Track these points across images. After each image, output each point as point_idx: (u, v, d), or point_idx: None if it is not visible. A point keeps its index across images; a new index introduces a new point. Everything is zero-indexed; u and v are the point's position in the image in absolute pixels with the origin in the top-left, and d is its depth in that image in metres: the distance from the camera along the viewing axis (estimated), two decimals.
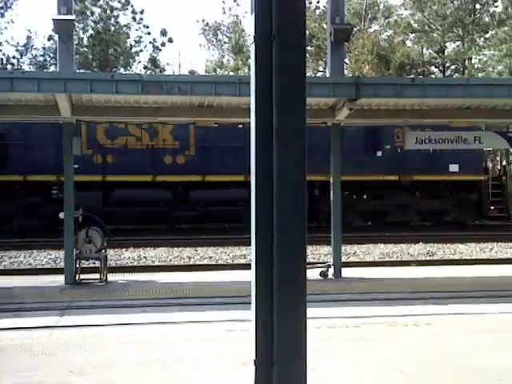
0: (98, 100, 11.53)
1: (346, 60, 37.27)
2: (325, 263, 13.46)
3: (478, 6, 42.39)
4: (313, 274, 12.39)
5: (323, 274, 12.75)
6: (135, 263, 16.02)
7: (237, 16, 44.82)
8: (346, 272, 12.95)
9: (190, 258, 16.88)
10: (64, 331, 8.05)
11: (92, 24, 40.47)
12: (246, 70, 36.26)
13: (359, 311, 9.14)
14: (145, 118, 12.79)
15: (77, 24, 36.05)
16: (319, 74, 40.61)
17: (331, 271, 12.81)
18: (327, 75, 13.33)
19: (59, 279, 12.16)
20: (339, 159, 13.23)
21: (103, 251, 12.43)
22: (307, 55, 41.54)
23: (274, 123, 2.66)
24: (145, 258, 16.80)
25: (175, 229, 22.64)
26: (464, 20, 41.40)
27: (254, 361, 2.88)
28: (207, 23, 45.98)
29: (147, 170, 21.52)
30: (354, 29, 36.70)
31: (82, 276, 12.23)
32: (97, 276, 12.27)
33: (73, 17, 12.43)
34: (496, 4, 42.01)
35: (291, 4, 2.54)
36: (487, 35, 41.95)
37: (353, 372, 6.09)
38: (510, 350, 6.85)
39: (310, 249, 17.41)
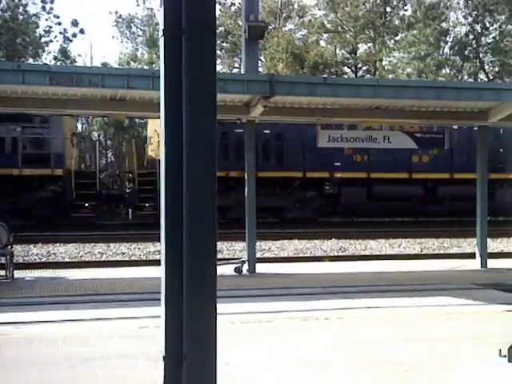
0: (3, 90, 11.09)
1: (261, 58, 37.56)
2: (239, 259, 13.54)
3: (388, 9, 43.72)
4: (227, 269, 12.44)
5: (238, 270, 12.81)
6: (44, 259, 15.56)
7: (151, 9, 44.26)
8: (261, 268, 13.06)
9: (102, 254, 16.54)
10: None
11: None
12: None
13: (273, 306, 9.24)
14: (53, 111, 12.41)
15: None
16: (235, 71, 40.69)
17: (245, 267, 12.88)
18: (242, 72, 13.40)
19: None
20: (253, 157, 13.31)
21: (9, 247, 11.98)
22: (223, 51, 41.60)
23: (183, 118, 2.63)
24: (54, 254, 16.33)
25: (92, 224, 22.20)
26: (375, 22, 42.59)
27: (163, 357, 2.86)
28: (120, 15, 45.15)
29: (399, 167, 24.00)
30: (269, 27, 37.00)
31: None
32: (2, 273, 11.81)
33: None
34: (406, 8, 43.49)
35: None
36: (397, 38, 43.35)
37: (265, 366, 6.15)
38: (415, 342, 7.11)
39: (224, 245, 17.46)
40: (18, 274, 12.11)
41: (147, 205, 23.30)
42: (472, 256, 14.41)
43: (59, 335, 7.35)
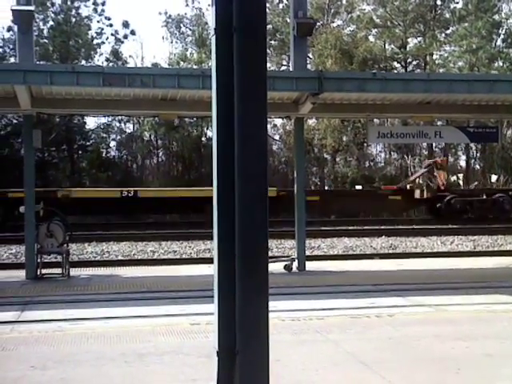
0: (58, 92, 11.38)
1: (310, 54, 37.38)
2: (289, 257, 13.54)
3: (438, 2, 42.92)
4: (277, 267, 12.46)
5: (287, 268, 12.82)
6: (98, 258, 15.88)
7: (200, 9, 44.55)
8: (310, 265, 13.04)
9: (153, 252, 16.79)
10: (25, 326, 7.94)
11: (52, 15, 39.78)
12: (210, 64, 35.82)
13: (323, 304, 9.22)
14: (106, 111, 12.66)
15: (37, 15, 35.25)
16: (283, 68, 40.64)
17: (295, 264, 12.88)
18: (290, 69, 13.39)
19: (20, 274, 11.99)
20: (303, 154, 13.30)
21: (65, 245, 12.28)
22: (271, 49, 41.58)
23: (235, 116, 2.66)
24: (108, 252, 16.65)
25: (139, 223, 22.54)
26: (425, 16, 41.85)
27: (217, 352, 2.90)
28: (170, 15, 45.57)
29: None
30: (317, 23, 36.77)
31: (43, 271, 12.07)
32: (58, 271, 12.12)
33: (32, 7, 12.21)
34: (456, 0, 42.61)
35: None
36: (448, 31, 42.51)
37: (316, 363, 6.14)
38: (467, 340, 6.99)
39: (274, 242, 17.49)
40: (73, 271, 12.41)
41: None
42: None
43: (114, 331, 7.50)
